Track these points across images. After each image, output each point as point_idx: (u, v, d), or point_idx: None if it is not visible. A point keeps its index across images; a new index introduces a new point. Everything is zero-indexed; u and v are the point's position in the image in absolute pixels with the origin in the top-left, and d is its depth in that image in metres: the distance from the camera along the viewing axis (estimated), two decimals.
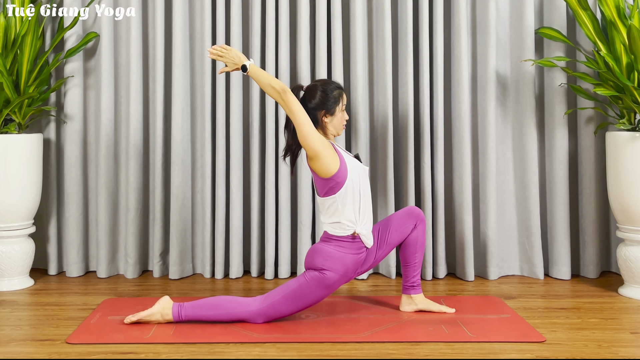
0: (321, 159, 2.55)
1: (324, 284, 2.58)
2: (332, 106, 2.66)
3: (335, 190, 2.60)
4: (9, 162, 3.19)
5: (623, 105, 3.14)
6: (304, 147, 2.57)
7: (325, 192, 2.63)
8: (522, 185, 3.44)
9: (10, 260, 3.21)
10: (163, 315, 2.59)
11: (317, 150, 2.54)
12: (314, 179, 2.68)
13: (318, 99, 2.66)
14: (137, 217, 3.47)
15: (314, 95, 2.66)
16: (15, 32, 3.26)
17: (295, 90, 2.68)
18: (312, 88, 2.69)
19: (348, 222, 2.60)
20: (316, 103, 2.66)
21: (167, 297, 2.64)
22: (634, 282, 3.06)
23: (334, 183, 2.59)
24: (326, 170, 2.57)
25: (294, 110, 2.53)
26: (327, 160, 2.56)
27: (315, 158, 2.56)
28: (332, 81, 2.72)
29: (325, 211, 2.66)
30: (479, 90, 3.44)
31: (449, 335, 2.48)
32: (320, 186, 2.64)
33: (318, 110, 2.66)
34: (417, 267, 2.80)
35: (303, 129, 2.54)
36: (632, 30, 2.89)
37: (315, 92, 2.67)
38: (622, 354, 2.29)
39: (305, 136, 2.54)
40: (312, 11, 3.47)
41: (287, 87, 2.55)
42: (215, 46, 2.64)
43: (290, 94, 2.54)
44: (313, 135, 2.54)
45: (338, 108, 2.68)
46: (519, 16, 3.41)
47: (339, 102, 2.68)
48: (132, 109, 3.44)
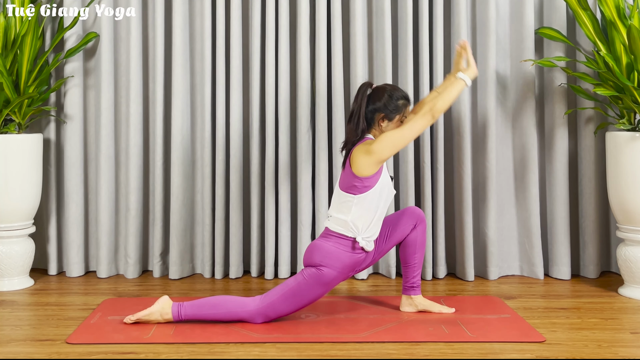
0: (374, 159, 2.55)
1: (322, 281, 2.58)
2: (393, 113, 2.65)
3: (357, 191, 2.59)
4: (9, 162, 3.19)
5: (623, 105, 3.14)
6: (380, 143, 2.54)
7: (348, 188, 2.61)
8: (522, 185, 3.44)
9: (10, 260, 3.21)
10: (162, 315, 2.59)
11: (383, 155, 2.55)
12: (344, 170, 2.67)
13: (382, 101, 2.65)
14: (137, 217, 3.47)
15: (379, 97, 2.66)
16: (15, 32, 3.26)
17: (364, 86, 2.67)
18: (380, 89, 2.68)
19: (354, 226, 2.59)
20: (379, 105, 2.65)
21: (166, 297, 2.64)
22: (634, 282, 3.06)
23: (360, 184, 2.58)
24: (365, 169, 2.56)
25: (421, 128, 2.56)
26: (374, 163, 2.56)
27: (371, 154, 2.55)
28: (401, 89, 2.71)
29: (337, 205, 2.65)
30: (479, 90, 3.44)
31: (449, 335, 2.48)
32: (346, 179, 2.63)
33: (378, 112, 2.65)
34: (417, 267, 2.80)
35: (402, 139, 2.54)
36: (632, 30, 2.89)
37: (382, 94, 2.66)
38: (622, 354, 2.29)
39: (394, 143, 2.54)
40: (312, 11, 3.47)
41: (431, 115, 2.56)
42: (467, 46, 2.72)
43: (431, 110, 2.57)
44: (398, 146, 2.55)
45: (398, 117, 2.67)
46: (519, 16, 3.41)
47: (400, 111, 2.67)
48: (132, 109, 3.44)
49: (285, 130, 3.42)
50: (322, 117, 3.39)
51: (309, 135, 3.42)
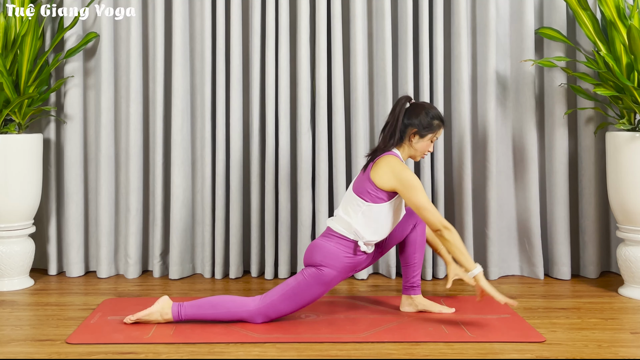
0: (394, 183, 2.57)
1: (322, 280, 2.58)
2: (425, 131, 2.67)
3: (369, 198, 2.59)
4: (9, 162, 3.19)
5: (623, 105, 3.14)
6: (411, 183, 2.54)
7: (360, 192, 2.62)
8: (522, 185, 3.44)
9: (10, 260, 3.21)
10: (162, 315, 2.59)
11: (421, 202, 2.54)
12: (362, 173, 2.68)
13: (418, 118, 2.66)
14: (137, 217, 3.47)
15: (416, 113, 2.67)
16: (15, 32, 3.26)
17: (403, 99, 2.68)
18: (418, 106, 2.69)
19: (357, 231, 2.59)
20: (414, 120, 2.66)
21: (166, 297, 2.64)
22: (634, 282, 3.06)
23: (374, 193, 2.59)
24: (385, 182, 2.58)
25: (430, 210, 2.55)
26: (394, 183, 2.57)
27: (397, 179, 2.56)
28: (438, 111, 2.72)
29: (346, 206, 2.64)
30: (479, 90, 3.44)
31: (449, 335, 2.48)
32: (361, 183, 2.63)
33: (411, 126, 2.66)
34: (417, 267, 2.80)
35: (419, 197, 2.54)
36: (632, 30, 2.89)
37: (419, 110, 2.67)
38: (622, 354, 2.29)
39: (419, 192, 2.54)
40: (312, 11, 3.47)
41: (443, 225, 2.53)
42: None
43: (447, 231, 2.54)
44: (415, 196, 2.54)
45: (429, 136, 2.68)
46: (519, 16, 3.41)
47: (433, 132, 2.68)
48: (132, 109, 3.44)
49: (285, 130, 3.42)
50: (322, 117, 3.39)
51: (309, 135, 3.42)
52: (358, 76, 3.38)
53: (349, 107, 3.46)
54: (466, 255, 2.53)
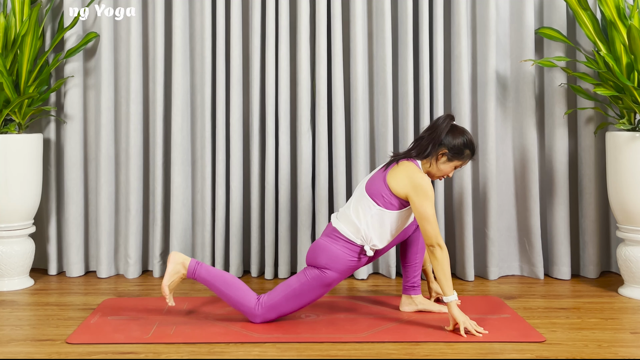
0: (408, 190, 2.56)
1: (325, 282, 2.58)
2: (454, 155, 2.65)
3: (381, 202, 2.58)
4: (9, 162, 3.19)
5: (623, 105, 3.14)
6: (425, 193, 2.54)
7: (374, 194, 2.60)
8: (522, 185, 3.44)
9: (10, 260, 3.21)
10: (183, 264, 2.66)
11: (426, 213, 2.53)
12: (377, 172, 2.68)
13: (454, 141, 2.64)
14: (137, 217, 3.47)
15: (454, 135, 2.65)
16: (15, 32, 3.26)
17: (447, 118, 2.66)
18: (460, 130, 2.67)
19: (365, 235, 2.59)
20: (449, 141, 2.63)
21: (175, 252, 2.70)
22: (634, 282, 3.06)
23: (387, 197, 2.58)
24: (399, 187, 2.57)
25: (433, 222, 2.54)
26: (408, 190, 2.56)
27: (412, 186, 2.56)
28: (475, 144, 2.71)
29: (355, 206, 2.62)
30: (479, 90, 3.44)
31: (449, 335, 2.48)
32: (377, 186, 2.62)
33: (443, 146, 2.64)
34: (418, 267, 2.81)
35: (426, 211, 2.53)
36: (632, 30, 2.89)
37: (459, 135, 2.65)
38: (622, 354, 2.29)
39: (428, 206, 2.53)
40: (312, 11, 3.47)
41: (438, 242, 2.52)
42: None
43: (439, 248, 2.52)
44: (423, 208, 2.53)
45: (456, 162, 2.67)
46: (519, 16, 3.41)
47: (460, 159, 2.67)
48: (132, 109, 3.44)
49: (285, 130, 3.42)
50: (322, 117, 3.39)
51: (309, 135, 3.42)
52: (358, 76, 3.38)
53: (349, 107, 3.46)
54: (449, 279, 2.51)
